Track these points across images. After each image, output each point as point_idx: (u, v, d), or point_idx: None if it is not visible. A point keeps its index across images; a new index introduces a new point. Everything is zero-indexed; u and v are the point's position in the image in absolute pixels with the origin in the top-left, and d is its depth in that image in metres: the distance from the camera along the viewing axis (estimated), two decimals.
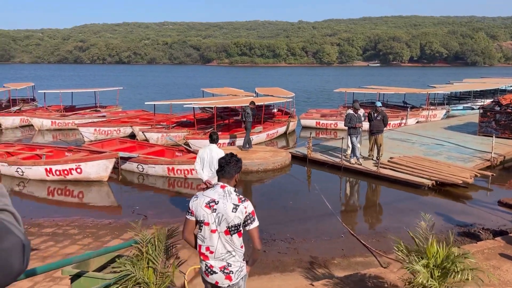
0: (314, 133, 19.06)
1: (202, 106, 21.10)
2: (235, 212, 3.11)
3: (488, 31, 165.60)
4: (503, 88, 28.92)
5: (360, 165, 12.21)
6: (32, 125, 20.21)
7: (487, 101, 23.03)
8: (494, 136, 12.68)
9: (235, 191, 3.27)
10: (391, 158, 12.43)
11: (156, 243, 4.04)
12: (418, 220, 4.49)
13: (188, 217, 3.29)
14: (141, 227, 4.33)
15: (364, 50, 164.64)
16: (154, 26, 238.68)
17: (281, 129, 18.71)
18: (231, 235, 3.16)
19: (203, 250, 3.25)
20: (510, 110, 15.03)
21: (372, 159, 12.66)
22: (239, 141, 15.86)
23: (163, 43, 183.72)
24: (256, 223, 3.19)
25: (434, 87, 28.17)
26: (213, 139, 7.70)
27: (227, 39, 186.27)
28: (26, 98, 26.90)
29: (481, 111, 16.27)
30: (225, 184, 3.24)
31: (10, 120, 20.71)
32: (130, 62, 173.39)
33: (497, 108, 15.57)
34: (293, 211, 9.31)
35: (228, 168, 3.27)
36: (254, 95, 21.92)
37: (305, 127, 20.50)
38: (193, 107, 17.59)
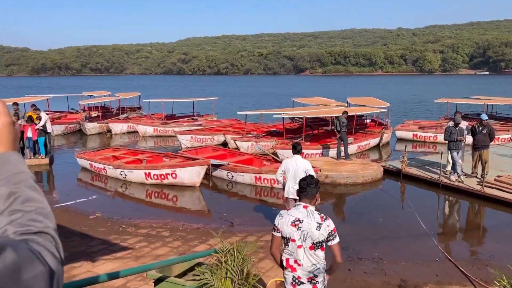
0: (410, 147, 18.00)
1: (292, 116, 21.14)
2: (319, 229, 3.42)
3: None
4: None
5: (462, 182, 11.16)
6: (137, 131, 22.05)
7: None
8: None
9: (316, 209, 3.60)
10: (498, 176, 11.16)
11: (235, 253, 4.06)
12: None
13: (274, 233, 3.62)
14: (225, 234, 4.43)
15: (471, 57, 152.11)
16: (251, 38, 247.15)
17: (374, 141, 17.94)
18: (315, 250, 3.48)
19: (291, 262, 3.55)
20: None
21: (476, 177, 11.52)
22: (330, 152, 15.56)
23: (259, 54, 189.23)
24: (337, 239, 3.49)
25: None
26: (297, 151, 7.61)
27: (322, 49, 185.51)
28: (133, 106, 29.48)
29: None
30: (307, 204, 3.55)
31: (119, 127, 22.84)
32: (227, 73, 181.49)
33: None
34: (382, 228, 8.80)
35: (309, 189, 3.58)
36: (346, 105, 21.37)
37: (401, 140, 19.41)
38: (283, 117, 17.69)
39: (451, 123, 11.53)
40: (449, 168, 11.74)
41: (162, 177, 12.05)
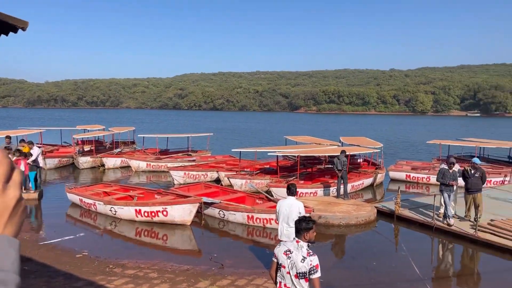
0: (403, 187, 17.98)
1: (287, 155, 21.18)
2: (303, 262, 4.01)
3: None
4: None
5: (450, 225, 11.09)
6: (130, 166, 21.90)
7: None
8: None
9: (308, 246, 4.17)
10: (492, 220, 11.12)
11: None
12: None
13: (273, 259, 4.34)
14: (215, 277, 4.44)
15: (462, 99, 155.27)
16: (247, 75, 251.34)
17: (367, 181, 17.93)
18: (299, 279, 4.04)
19: (282, 286, 4.22)
20: None
21: (469, 220, 11.45)
22: (324, 191, 15.50)
23: (254, 91, 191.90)
24: (318, 274, 4.03)
25: None
26: (291, 192, 7.55)
27: (316, 87, 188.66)
28: (127, 141, 29.44)
29: None
30: (299, 240, 4.17)
31: (112, 161, 22.71)
32: (223, 108, 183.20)
33: None
34: (376, 273, 8.61)
35: (299, 227, 4.21)
36: (339, 144, 21.50)
37: (394, 180, 19.43)
38: (277, 155, 17.70)
39: (444, 165, 11.59)
40: (442, 210, 11.70)
41: (153, 214, 11.86)
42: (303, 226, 4.17)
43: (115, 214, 12.37)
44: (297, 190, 14.83)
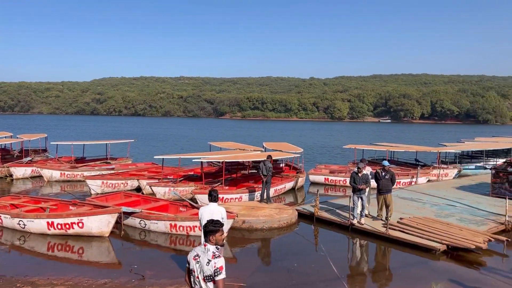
0: (322, 190, 18.81)
1: (212, 161, 21.10)
2: (208, 265, 4.12)
3: (499, 90, 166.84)
4: None
5: (362, 224, 11.85)
6: (42, 176, 20.33)
7: (500, 161, 22.66)
8: (507, 199, 12.26)
9: (217, 248, 4.29)
10: (400, 218, 12.05)
11: None
12: None
13: (187, 265, 4.40)
14: None
15: (375, 107, 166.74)
16: (171, 81, 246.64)
17: (289, 185, 18.49)
18: (206, 282, 4.15)
19: None
20: None
21: (381, 219, 12.29)
22: (248, 196, 15.66)
23: (178, 97, 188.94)
24: (222, 276, 4.10)
25: (445, 145, 27.95)
26: (213, 198, 7.53)
27: (241, 94, 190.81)
28: (38, 149, 27.33)
29: (493, 172, 15.92)
30: (206, 243, 4.28)
31: (21, 171, 20.91)
32: (145, 114, 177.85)
33: (510, 169, 15.23)
34: (297, 274, 8.88)
35: (205, 231, 4.33)
36: (263, 149, 21.94)
37: (314, 183, 20.27)
38: (201, 161, 17.57)
39: (355, 169, 12.35)
40: (358, 211, 12.41)
41: (67, 226, 11.12)
42: (209, 229, 4.28)
43: (24, 228, 11.39)
44: (223, 196, 14.98)
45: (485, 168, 23.46)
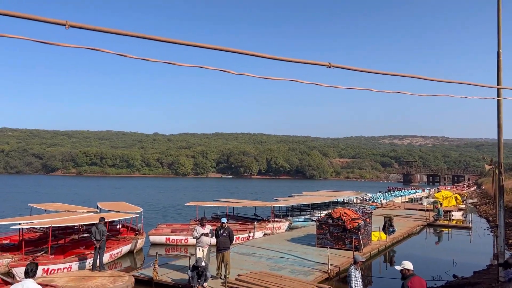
0: (163, 251, 18.12)
1: (34, 226, 18.42)
2: None
3: (321, 149, 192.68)
4: (335, 200, 32.78)
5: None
6: None
7: (324, 213, 25.54)
8: (329, 248, 13.70)
9: None
10: (239, 275, 12.28)
11: None
12: None
13: None
14: None
15: (217, 163, 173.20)
16: None
17: (126, 248, 17.32)
18: None
19: None
20: (340, 223, 16.73)
21: (220, 278, 12.31)
22: (78, 264, 14.02)
23: None
24: None
25: (278, 200, 30.35)
26: (28, 274, 6.43)
27: (76, 148, 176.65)
28: None
29: (317, 223, 17.75)
30: None
31: None
32: None
33: (330, 221, 17.21)
34: None
35: None
36: (97, 210, 20.27)
37: (155, 244, 19.42)
38: (21, 228, 15.21)
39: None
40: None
41: None
42: None
43: None
44: (48, 267, 13.08)
45: (312, 220, 26.08)
